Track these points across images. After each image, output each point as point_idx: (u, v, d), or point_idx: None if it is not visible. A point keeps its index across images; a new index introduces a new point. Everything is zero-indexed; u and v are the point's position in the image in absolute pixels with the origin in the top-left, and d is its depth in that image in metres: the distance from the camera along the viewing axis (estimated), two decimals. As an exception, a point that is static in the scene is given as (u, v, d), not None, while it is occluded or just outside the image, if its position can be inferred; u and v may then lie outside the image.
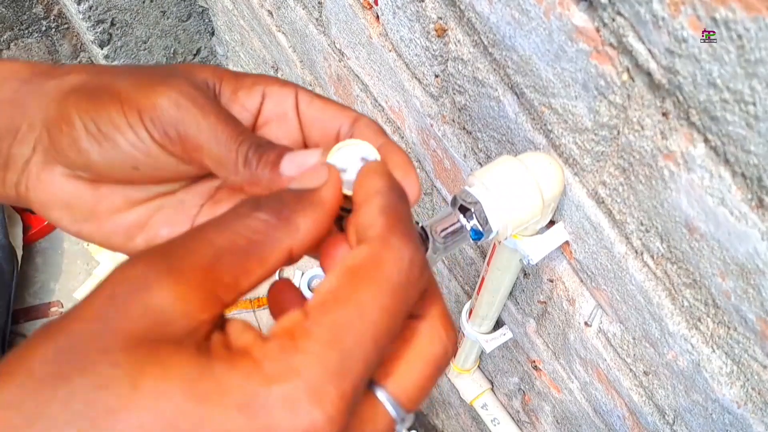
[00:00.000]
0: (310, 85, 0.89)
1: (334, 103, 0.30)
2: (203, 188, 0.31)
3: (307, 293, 1.19)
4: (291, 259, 0.23)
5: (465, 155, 0.59)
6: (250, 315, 1.44)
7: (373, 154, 0.27)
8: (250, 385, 0.18)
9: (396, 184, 0.24)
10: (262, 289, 0.24)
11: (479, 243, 0.70)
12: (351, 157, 0.26)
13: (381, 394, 0.21)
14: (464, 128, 0.57)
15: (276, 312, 0.25)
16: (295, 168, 0.26)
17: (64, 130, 0.27)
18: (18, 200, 0.29)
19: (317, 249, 0.24)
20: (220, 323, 0.21)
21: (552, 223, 0.50)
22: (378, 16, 0.60)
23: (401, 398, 0.21)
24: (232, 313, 1.38)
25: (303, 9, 0.76)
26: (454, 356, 0.23)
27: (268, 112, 0.30)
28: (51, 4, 1.29)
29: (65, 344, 0.18)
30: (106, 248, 0.30)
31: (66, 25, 1.34)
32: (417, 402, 0.22)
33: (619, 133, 0.39)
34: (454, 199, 0.44)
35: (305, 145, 0.30)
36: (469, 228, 0.42)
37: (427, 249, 0.39)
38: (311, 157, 0.27)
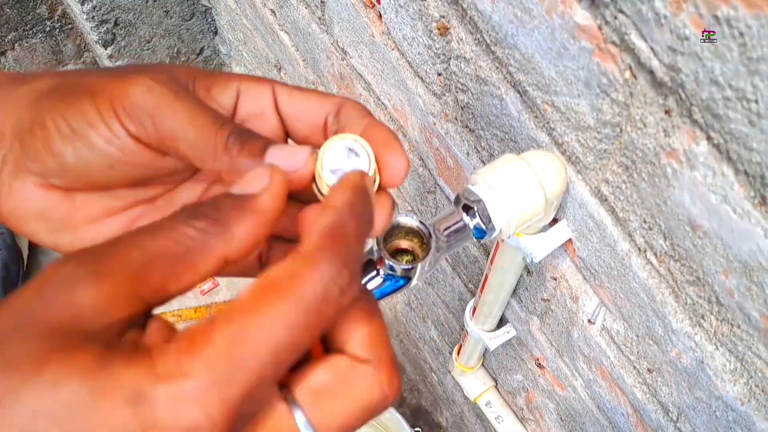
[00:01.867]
0: (313, 84, 0.89)
1: (315, 92, 0.29)
2: (183, 197, 0.30)
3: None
4: (226, 265, 0.23)
5: (468, 153, 0.59)
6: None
7: (359, 143, 0.26)
8: (139, 381, 0.18)
9: (360, 201, 0.24)
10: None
11: (482, 241, 0.70)
12: (339, 155, 0.26)
13: (299, 416, 0.21)
14: (467, 126, 0.57)
15: None
16: (282, 162, 0.26)
17: (37, 134, 0.26)
18: None
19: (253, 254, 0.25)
20: (142, 321, 0.21)
21: (555, 221, 0.50)
22: (380, 15, 0.60)
23: (315, 420, 0.22)
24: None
25: (306, 8, 0.77)
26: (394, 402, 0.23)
27: (244, 110, 0.29)
28: (55, 4, 1.29)
29: None
30: None
31: (70, 26, 1.34)
32: None
33: (621, 131, 0.39)
34: (457, 198, 0.44)
35: (286, 141, 0.30)
36: (472, 226, 0.42)
37: (430, 248, 0.39)
38: (300, 154, 0.26)
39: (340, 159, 0.26)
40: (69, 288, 0.20)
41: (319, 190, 0.27)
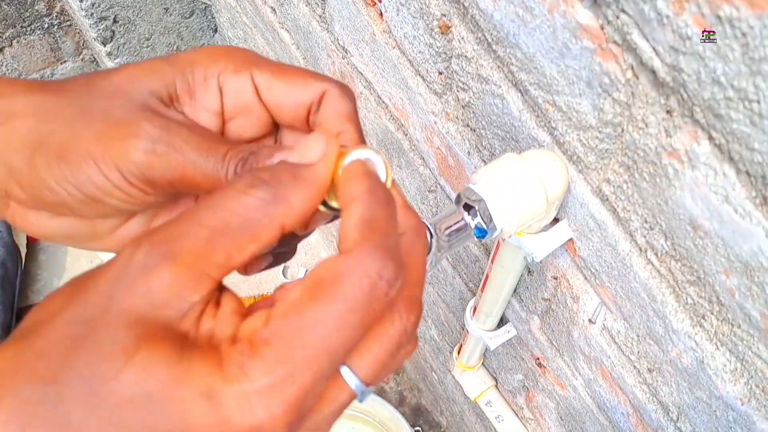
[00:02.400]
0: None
1: (298, 75, 0.29)
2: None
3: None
4: (282, 234, 0.24)
5: (469, 153, 0.59)
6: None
7: (379, 156, 0.26)
8: (211, 379, 0.20)
9: (377, 186, 0.24)
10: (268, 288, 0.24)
11: (483, 241, 0.70)
12: None
13: (345, 372, 0.23)
14: (468, 125, 0.57)
15: None
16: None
17: (47, 196, 0.27)
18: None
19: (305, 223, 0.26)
20: (216, 297, 0.23)
21: (556, 220, 0.50)
22: (381, 13, 0.60)
23: (361, 374, 0.23)
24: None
25: (306, 6, 0.76)
26: (413, 341, 0.24)
27: (231, 107, 0.29)
28: (53, 0, 1.29)
29: (82, 313, 0.21)
30: None
31: (68, 22, 1.34)
32: (378, 377, 0.24)
33: (623, 130, 0.39)
34: (458, 197, 0.44)
35: (275, 127, 0.30)
36: (473, 226, 0.42)
37: (431, 247, 0.39)
38: (314, 148, 0.26)
39: None
40: (144, 275, 0.21)
41: (326, 204, 0.26)
